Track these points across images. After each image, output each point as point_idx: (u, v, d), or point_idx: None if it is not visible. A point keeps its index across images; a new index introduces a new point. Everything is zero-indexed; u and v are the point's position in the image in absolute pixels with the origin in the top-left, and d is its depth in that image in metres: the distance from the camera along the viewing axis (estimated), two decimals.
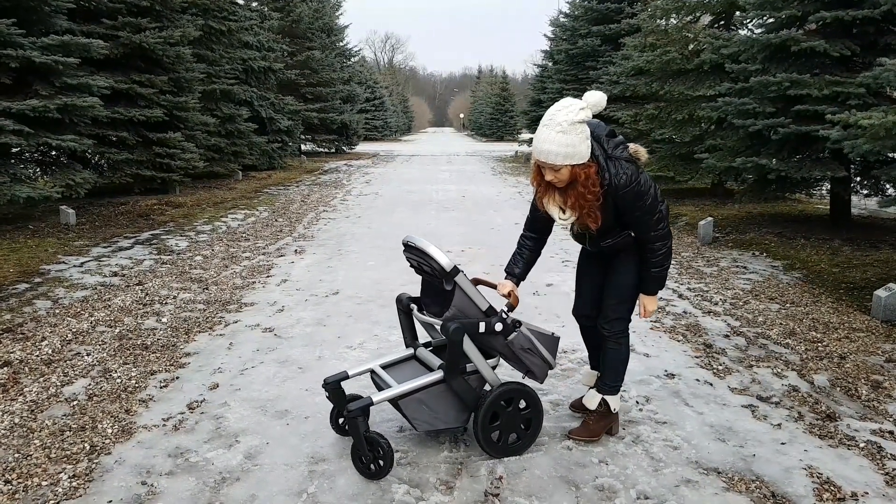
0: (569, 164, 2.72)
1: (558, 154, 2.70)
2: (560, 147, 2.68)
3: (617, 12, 17.77)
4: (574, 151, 2.70)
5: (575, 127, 2.68)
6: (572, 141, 2.68)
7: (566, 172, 2.75)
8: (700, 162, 9.54)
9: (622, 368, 3.19)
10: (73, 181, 8.49)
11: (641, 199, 2.80)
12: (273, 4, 22.41)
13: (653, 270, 2.99)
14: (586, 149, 2.73)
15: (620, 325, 3.11)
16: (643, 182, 2.80)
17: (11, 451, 3.05)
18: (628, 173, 2.76)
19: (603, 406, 3.17)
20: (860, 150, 5.39)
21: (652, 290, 3.09)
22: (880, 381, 3.90)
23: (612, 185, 2.76)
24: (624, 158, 2.79)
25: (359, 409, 2.82)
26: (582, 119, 2.70)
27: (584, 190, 2.76)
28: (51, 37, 7.94)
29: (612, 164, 2.77)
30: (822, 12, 7.30)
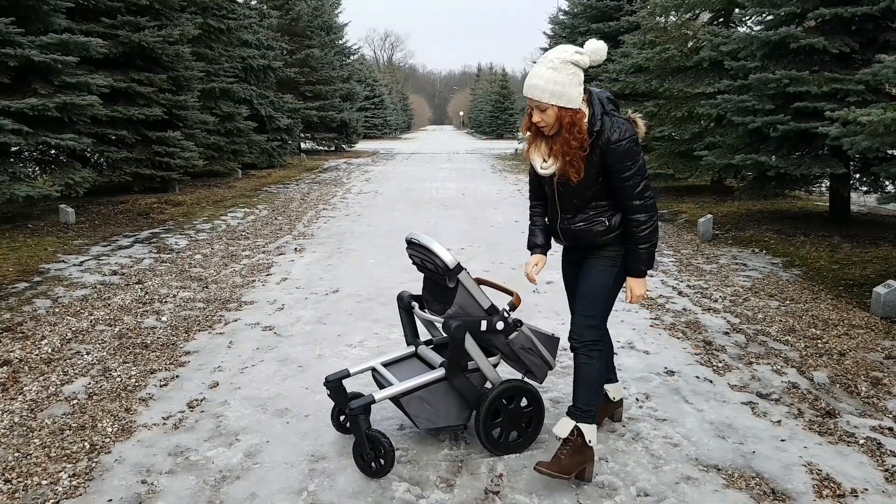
0: (555, 103, 2.58)
1: (545, 90, 2.57)
2: (547, 83, 2.56)
3: (616, 10, 17.74)
4: (562, 91, 2.56)
5: (566, 66, 2.56)
6: (561, 79, 2.56)
7: (552, 114, 2.61)
8: (699, 159, 9.53)
9: (596, 390, 2.82)
10: (72, 180, 8.49)
11: (631, 160, 2.63)
12: (272, 2, 22.39)
13: (640, 247, 2.73)
14: (577, 94, 2.59)
15: (590, 333, 2.79)
16: (636, 141, 2.66)
17: (11, 450, 3.05)
18: (622, 129, 2.62)
19: (576, 435, 2.74)
20: (859, 146, 5.39)
21: (638, 271, 2.79)
22: (880, 377, 3.91)
23: (604, 139, 2.61)
24: (621, 118, 2.68)
25: (360, 407, 2.83)
26: (575, 60, 2.57)
27: (568, 136, 2.61)
28: (50, 35, 7.93)
29: (607, 119, 2.64)
30: (821, 9, 7.30)
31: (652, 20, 12.37)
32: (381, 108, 44.24)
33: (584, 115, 2.63)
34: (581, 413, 2.76)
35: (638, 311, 5.29)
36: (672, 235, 8.66)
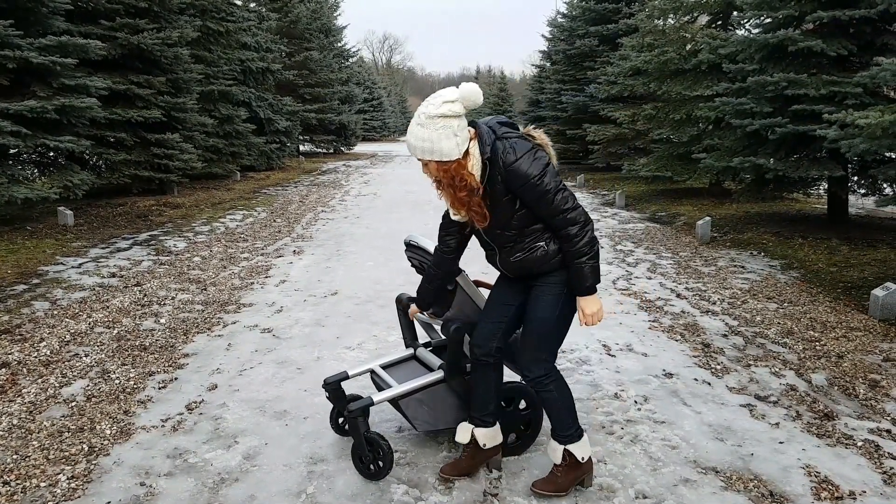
0: (429, 159, 2.48)
1: (416, 148, 2.48)
2: (417, 140, 2.47)
3: (615, 13, 17.79)
4: (432, 147, 2.44)
5: (433, 121, 2.42)
6: (430, 136, 2.43)
7: (433, 168, 2.51)
8: (698, 162, 9.56)
9: (567, 412, 2.73)
10: (70, 182, 8.49)
11: (535, 175, 2.46)
12: (271, 5, 22.42)
13: (575, 262, 2.54)
14: (451, 145, 2.44)
15: (538, 367, 2.66)
16: (535, 156, 2.48)
17: (10, 453, 3.05)
18: (516, 147, 2.47)
19: (569, 458, 2.73)
20: (857, 149, 5.40)
21: (585, 289, 2.59)
22: (878, 379, 3.91)
23: (500, 165, 2.47)
24: (514, 136, 2.52)
25: (359, 409, 2.83)
26: (443, 113, 2.41)
27: (452, 189, 2.52)
28: (48, 37, 7.94)
29: (499, 143, 2.49)
30: (819, 12, 7.32)
31: (650, 23, 12.40)
32: (379, 111, 44.29)
33: (466, 163, 2.48)
34: (564, 436, 2.73)
35: (636, 314, 5.29)
36: (670, 238, 8.67)
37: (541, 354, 2.67)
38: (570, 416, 2.74)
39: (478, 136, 2.52)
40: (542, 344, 2.68)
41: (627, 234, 8.96)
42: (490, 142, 2.50)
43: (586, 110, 17.30)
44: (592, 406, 3.60)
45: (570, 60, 19.59)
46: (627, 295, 5.86)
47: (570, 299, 2.65)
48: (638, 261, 7.28)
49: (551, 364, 2.71)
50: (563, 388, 2.74)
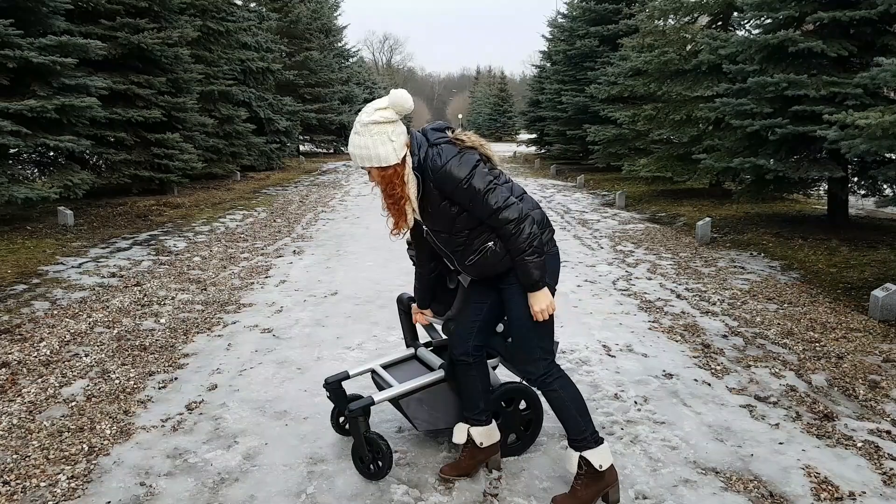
0: (368, 166, 2.53)
1: (356, 156, 2.53)
2: (355, 148, 2.52)
3: (615, 13, 17.80)
4: (369, 153, 2.49)
5: (367, 128, 2.48)
6: (364, 142, 2.49)
7: (375, 175, 2.55)
8: (698, 162, 9.56)
9: (578, 413, 2.65)
10: (70, 182, 8.49)
11: (463, 178, 2.47)
12: (271, 5, 22.42)
13: (516, 259, 2.52)
14: (388, 150, 2.48)
15: (537, 367, 2.63)
16: (462, 160, 2.50)
17: (10, 453, 3.05)
18: (443, 153, 2.50)
19: (585, 466, 2.62)
20: (857, 150, 5.40)
21: (531, 285, 2.54)
22: (878, 380, 3.91)
23: (430, 170, 2.51)
24: (443, 142, 2.55)
25: (359, 408, 2.82)
26: (375, 119, 2.47)
27: (384, 195, 2.58)
28: (49, 37, 7.94)
29: (431, 150, 2.53)
30: (819, 13, 7.32)
31: (650, 23, 12.41)
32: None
33: (402, 170, 2.52)
34: (578, 441, 2.63)
35: (636, 315, 5.29)
36: (670, 238, 8.67)
37: (533, 354, 2.63)
38: (583, 418, 2.64)
39: (409, 144, 2.55)
40: (528, 343, 2.63)
41: (627, 235, 8.96)
42: (422, 150, 2.54)
43: (586, 111, 17.30)
44: (592, 406, 3.59)
45: (571, 61, 19.60)
46: (627, 295, 5.86)
47: None
48: (638, 261, 7.28)
49: (549, 361, 2.66)
50: (569, 386, 2.67)
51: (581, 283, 6.29)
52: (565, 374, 2.70)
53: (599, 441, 2.66)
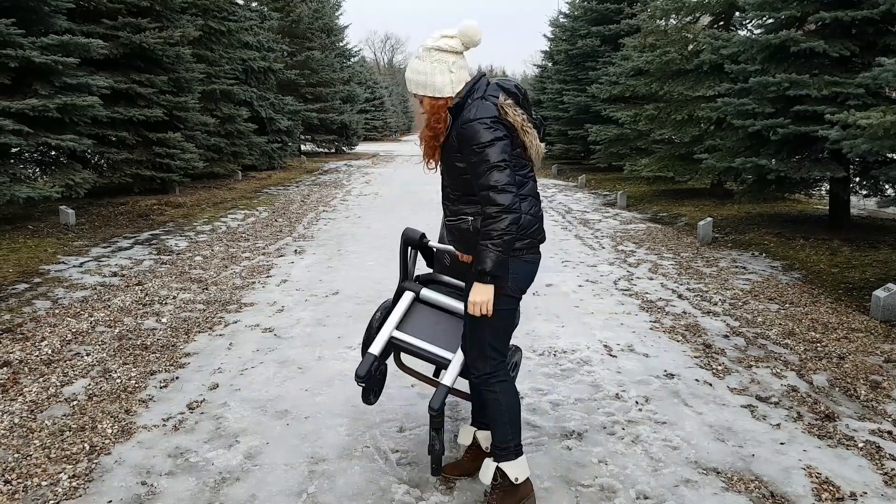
0: (421, 93, 2.45)
1: (411, 81, 2.46)
2: (412, 73, 2.44)
3: (616, 13, 17.79)
4: (425, 80, 2.41)
5: (430, 53, 2.40)
6: (426, 69, 2.41)
7: (427, 104, 2.46)
8: (699, 162, 9.55)
9: (509, 422, 2.55)
10: (72, 181, 8.49)
11: (478, 142, 2.33)
12: (273, 4, 22.43)
13: (481, 242, 2.34)
14: (445, 81, 2.40)
15: (485, 365, 2.52)
16: (491, 126, 2.34)
17: (11, 451, 3.05)
18: (480, 110, 2.37)
19: (500, 478, 2.53)
20: (859, 150, 5.40)
21: (476, 272, 2.37)
22: (879, 381, 3.91)
23: (460, 119, 2.40)
24: (491, 100, 2.42)
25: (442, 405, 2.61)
26: (439, 46, 2.38)
27: (426, 124, 2.49)
28: (50, 37, 7.94)
29: (475, 101, 2.41)
30: (821, 13, 7.32)
31: (652, 23, 12.40)
32: (381, 111, 44.32)
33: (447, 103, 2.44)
34: (500, 450, 2.55)
35: (637, 315, 5.29)
36: (672, 238, 8.66)
37: (484, 351, 2.51)
38: (512, 429, 2.55)
39: (470, 85, 2.45)
40: (480, 339, 2.51)
41: (629, 235, 8.96)
42: (471, 96, 2.42)
43: (588, 110, 17.29)
44: (593, 406, 3.60)
45: (572, 60, 19.59)
46: (629, 295, 5.86)
47: (504, 296, 2.47)
48: (639, 261, 7.28)
49: (498, 362, 2.54)
50: (510, 393, 2.57)
51: (582, 282, 6.29)
52: (511, 381, 2.63)
53: (520, 453, 2.57)
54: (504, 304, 2.47)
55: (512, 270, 2.44)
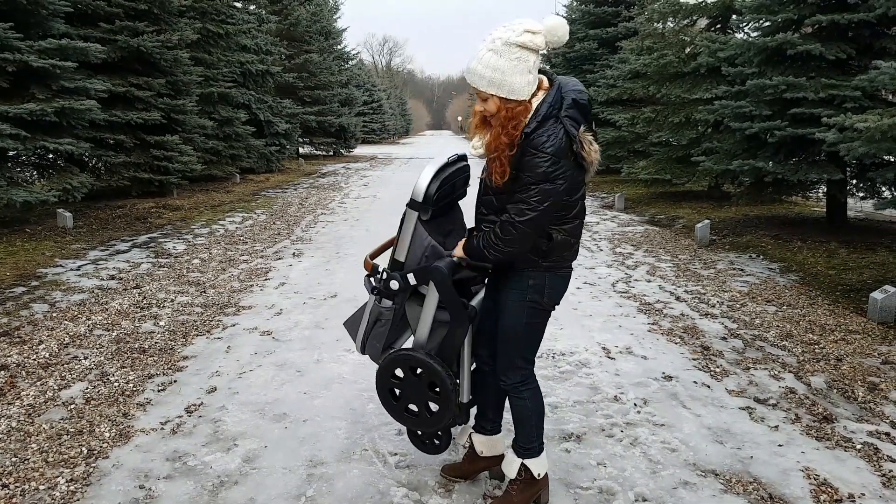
0: (494, 93, 2.22)
1: (482, 77, 2.20)
2: (485, 68, 2.18)
3: (614, 16, 17.82)
4: (502, 79, 2.17)
5: (511, 49, 2.15)
6: (502, 65, 2.16)
7: (493, 105, 2.25)
8: (697, 164, 9.57)
9: (535, 424, 2.62)
10: (70, 184, 8.48)
11: (534, 170, 2.19)
12: (271, 7, 22.42)
13: (482, 238, 2.35)
14: (523, 83, 2.19)
15: (515, 374, 2.55)
16: (552, 164, 2.18)
17: (9, 456, 3.05)
18: (550, 140, 2.18)
19: (524, 473, 2.63)
20: (856, 152, 5.41)
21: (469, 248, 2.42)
22: (877, 382, 3.92)
23: (528, 138, 2.21)
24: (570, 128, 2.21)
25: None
26: (523, 42, 2.14)
27: (500, 130, 2.25)
28: (48, 40, 7.94)
29: (550, 123, 2.21)
30: (817, 16, 7.34)
31: (650, 26, 12.44)
32: (379, 113, 44.31)
33: (529, 110, 2.23)
34: (524, 449, 2.62)
35: (636, 317, 5.29)
36: (670, 240, 8.68)
37: (515, 361, 2.55)
38: (538, 429, 2.63)
39: (548, 91, 2.24)
40: (514, 351, 2.54)
41: (627, 237, 8.97)
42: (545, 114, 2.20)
43: None
44: (592, 409, 3.60)
45: (570, 63, 19.60)
46: (627, 297, 5.87)
47: (535, 307, 2.48)
48: (637, 263, 7.28)
49: (528, 371, 2.59)
50: (538, 398, 2.63)
51: (580, 285, 6.29)
52: (538, 387, 2.65)
53: (542, 450, 2.65)
54: (537, 317, 2.52)
55: (548, 285, 2.46)
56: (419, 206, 2.50)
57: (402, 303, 2.60)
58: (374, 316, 2.64)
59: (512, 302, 2.48)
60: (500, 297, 2.54)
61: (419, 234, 2.53)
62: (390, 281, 2.54)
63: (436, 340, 2.54)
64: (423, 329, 2.53)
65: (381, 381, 2.65)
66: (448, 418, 2.58)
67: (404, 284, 2.52)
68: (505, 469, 2.68)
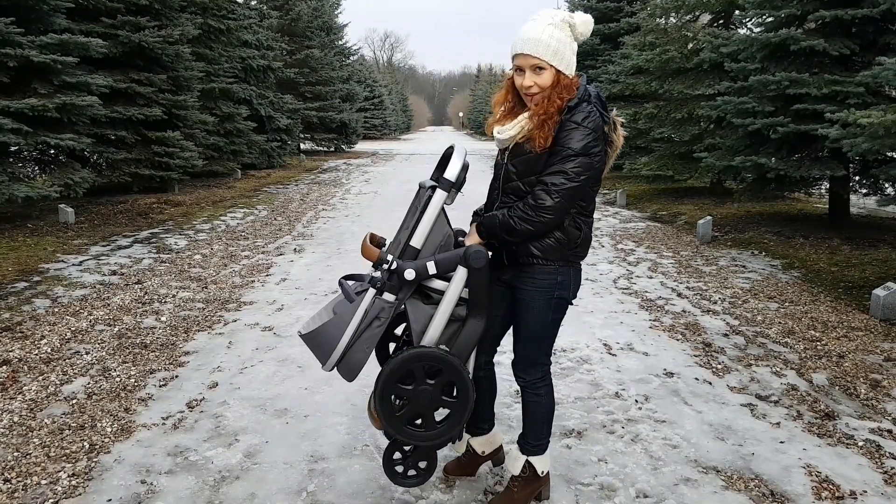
0: (556, 64, 2.30)
1: (549, 46, 2.27)
2: (549, 37, 2.27)
3: (616, 11, 17.76)
4: (563, 49, 2.29)
5: (566, 27, 2.31)
6: (564, 39, 2.29)
7: (549, 77, 2.31)
8: (699, 161, 9.54)
9: (546, 423, 2.64)
10: (71, 180, 8.48)
11: (572, 144, 2.26)
12: (272, 3, 22.40)
13: (501, 216, 2.35)
14: (572, 61, 2.35)
15: (535, 371, 2.57)
16: (592, 140, 2.28)
17: (11, 450, 3.05)
18: (590, 118, 2.29)
19: (528, 470, 2.64)
20: (859, 148, 5.40)
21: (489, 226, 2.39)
22: (879, 379, 3.91)
23: (570, 112, 2.31)
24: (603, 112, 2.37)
25: None
26: (575, 24, 2.33)
27: (555, 95, 2.31)
28: (49, 35, 7.93)
29: (589, 107, 2.32)
30: (821, 11, 7.31)
31: (652, 22, 12.39)
32: (380, 109, 44.26)
33: (578, 84, 2.35)
34: (532, 447, 2.63)
35: (637, 313, 5.29)
36: (671, 237, 8.66)
37: (538, 358, 2.57)
38: (547, 427, 2.65)
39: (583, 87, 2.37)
40: (538, 347, 2.55)
41: (628, 234, 8.96)
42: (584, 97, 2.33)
43: None
44: (593, 405, 3.60)
45: None
46: (628, 294, 5.86)
47: (562, 303, 2.51)
48: (639, 260, 7.28)
49: (547, 367, 2.61)
50: (552, 395, 2.65)
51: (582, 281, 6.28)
52: (552, 385, 2.65)
53: (547, 448, 2.67)
54: (561, 312, 2.54)
55: (573, 281, 2.52)
56: (451, 186, 2.33)
57: (405, 298, 2.36)
58: (372, 314, 2.32)
59: (540, 300, 2.47)
60: (523, 297, 2.48)
61: (441, 220, 2.37)
62: (404, 270, 2.28)
63: (444, 340, 2.39)
64: (437, 325, 2.35)
65: (385, 388, 2.36)
66: (460, 425, 2.45)
67: (421, 274, 2.29)
68: (508, 465, 2.68)
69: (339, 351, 2.34)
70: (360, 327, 2.32)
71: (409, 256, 2.34)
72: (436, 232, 2.36)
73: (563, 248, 2.41)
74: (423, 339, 2.36)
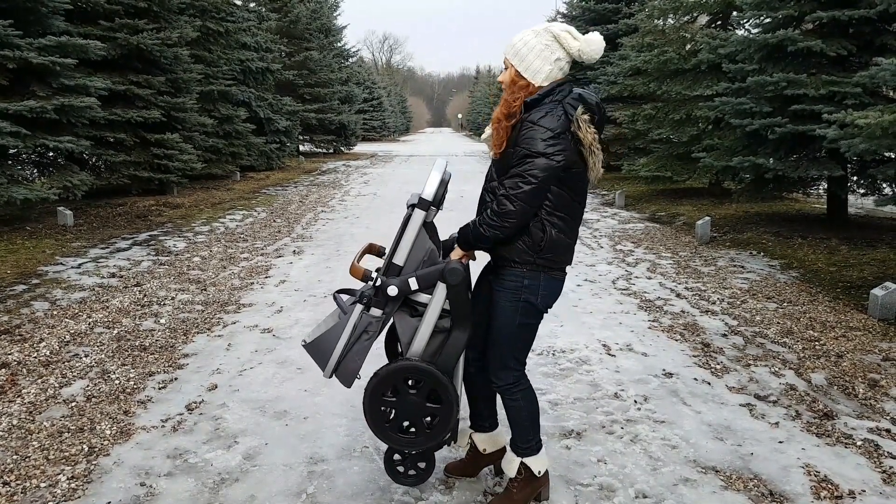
0: (514, 64, 2.39)
1: (513, 46, 2.40)
2: (519, 41, 2.39)
3: (614, 12, 17.79)
4: (526, 54, 2.36)
5: (546, 34, 2.36)
6: (532, 44, 2.36)
7: (507, 75, 2.43)
8: (697, 161, 9.56)
9: (530, 424, 2.63)
10: (70, 182, 8.48)
11: (528, 145, 2.29)
12: (271, 5, 22.40)
13: (472, 225, 2.43)
14: (537, 68, 2.36)
15: (508, 375, 2.56)
16: (546, 140, 2.28)
17: (10, 453, 3.05)
18: (547, 117, 2.31)
19: (524, 471, 2.64)
20: (857, 149, 5.41)
21: (460, 238, 2.50)
22: (877, 379, 3.92)
23: (528, 115, 2.35)
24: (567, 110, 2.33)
25: None
26: (557, 35, 2.36)
27: (508, 98, 2.40)
28: (48, 38, 7.93)
29: (549, 105, 2.35)
30: (818, 12, 7.33)
31: (650, 23, 12.41)
32: (379, 111, 44.28)
33: (532, 92, 2.38)
34: (522, 448, 2.63)
35: (636, 314, 5.29)
36: (670, 237, 8.67)
37: (507, 362, 2.55)
38: (533, 428, 2.64)
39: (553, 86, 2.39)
40: (507, 351, 2.54)
41: (627, 234, 8.96)
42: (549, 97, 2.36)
43: None
44: (592, 406, 3.60)
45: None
46: (627, 295, 5.87)
47: (529, 308, 2.49)
48: (637, 260, 7.28)
49: (520, 372, 2.59)
50: (530, 398, 2.63)
51: (581, 282, 6.29)
52: (531, 387, 2.65)
53: (540, 447, 2.66)
54: (530, 318, 2.52)
55: (542, 287, 2.48)
56: (428, 205, 2.45)
57: (392, 312, 2.48)
58: (360, 328, 2.46)
59: (506, 302, 2.49)
60: (494, 298, 2.53)
61: (422, 238, 2.48)
62: (387, 287, 2.41)
63: (431, 350, 2.48)
64: (422, 338, 2.46)
65: (372, 401, 2.50)
66: (448, 430, 2.53)
67: (404, 290, 2.43)
68: (504, 467, 2.68)
69: (334, 361, 2.52)
70: (349, 341, 2.49)
71: (393, 273, 2.47)
72: (417, 249, 2.47)
73: (529, 250, 2.42)
74: (409, 350, 2.49)
